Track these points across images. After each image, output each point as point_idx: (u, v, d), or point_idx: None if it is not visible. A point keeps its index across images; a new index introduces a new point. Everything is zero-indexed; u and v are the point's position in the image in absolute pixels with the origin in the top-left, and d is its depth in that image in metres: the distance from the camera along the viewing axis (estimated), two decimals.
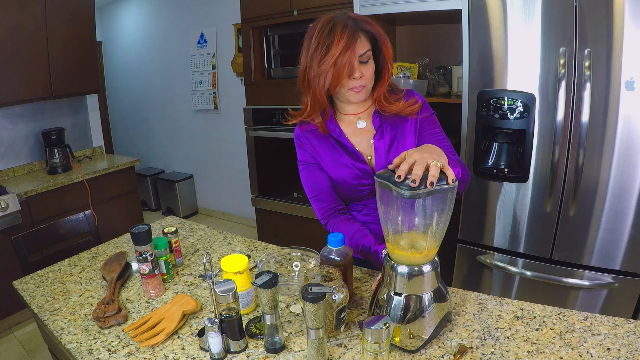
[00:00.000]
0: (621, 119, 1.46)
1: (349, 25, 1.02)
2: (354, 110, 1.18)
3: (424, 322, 0.88)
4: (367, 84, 1.08)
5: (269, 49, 2.71)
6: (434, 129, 1.16)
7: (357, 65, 1.04)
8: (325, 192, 1.22)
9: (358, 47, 1.02)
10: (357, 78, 1.05)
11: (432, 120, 1.17)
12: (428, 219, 0.83)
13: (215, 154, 4.12)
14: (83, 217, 1.76)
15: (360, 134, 1.18)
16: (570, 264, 1.68)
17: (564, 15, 1.47)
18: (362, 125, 1.18)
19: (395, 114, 1.14)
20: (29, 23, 2.58)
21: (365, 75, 1.06)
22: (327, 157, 1.19)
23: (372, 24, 1.07)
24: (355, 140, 1.18)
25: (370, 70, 1.07)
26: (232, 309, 0.90)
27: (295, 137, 1.24)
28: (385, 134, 1.15)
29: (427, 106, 1.18)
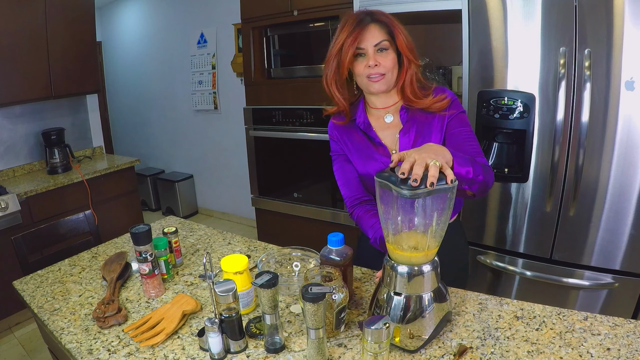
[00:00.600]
0: (621, 119, 1.46)
1: (360, 17, 1.07)
2: (382, 104, 1.19)
3: (424, 322, 0.88)
4: (387, 74, 1.09)
5: (269, 49, 2.71)
6: (462, 128, 1.14)
7: (372, 53, 1.07)
8: (352, 182, 1.25)
9: (370, 35, 1.06)
10: (371, 66, 1.07)
11: (461, 119, 1.16)
12: (428, 218, 0.83)
13: (215, 154, 4.12)
14: (83, 217, 1.76)
15: (387, 128, 1.19)
16: (570, 264, 1.68)
17: (564, 15, 1.47)
18: (390, 119, 1.19)
19: (422, 109, 1.14)
20: (29, 23, 2.58)
21: (383, 64, 1.07)
22: (354, 150, 1.22)
23: (388, 16, 1.09)
24: (382, 134, 1.19)
25: (388, 59, 1.08)
26: (232, 309, 0.90)
27: (328, 130, 1.29)
28: (410, 129, 1.15)
29: (457, 104, 1.16)
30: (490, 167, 1.08)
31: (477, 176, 0.96)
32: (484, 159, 1.10)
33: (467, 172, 0.92)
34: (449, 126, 1.15)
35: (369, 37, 1.06)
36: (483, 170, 0.99)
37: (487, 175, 1.01)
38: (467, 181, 0.95)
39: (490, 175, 1.04)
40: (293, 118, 2.55)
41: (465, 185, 0.96)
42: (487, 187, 1.04)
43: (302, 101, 2.50)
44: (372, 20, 1.07)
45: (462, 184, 0.96)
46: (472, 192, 1.02)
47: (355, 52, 1.08)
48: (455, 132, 1.14)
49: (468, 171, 0.93)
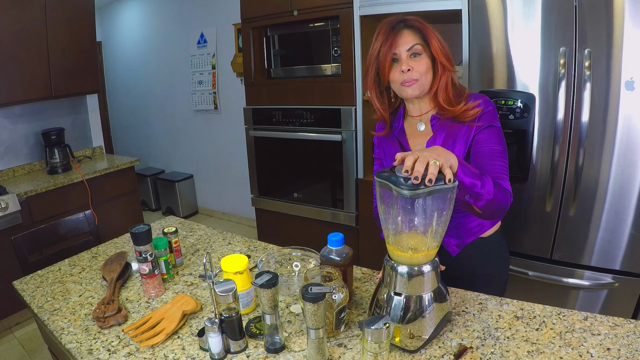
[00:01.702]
0: (621, 119, 1.46)
1: (393, 23, 1.08)
2: (416, 111, 1.19)
3: (424, 322, 0.88)
4: (420, 79, 1.08)
5: (269, 49, 2.71)
6: (488, 144, 1.07)
7: (405, 58, 1.07)
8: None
9: (403, 41, 1.06)
10: (404, 71, 1.07)
11: (491, 133, 1.08)
12: (428, 218, 0.83)
13: (215, 154, 4.12)
14: (83, 217, 1.76)
15: (418, 136, 1.19)
16: (570, 264, 1.68)
17: (564, 15, 1.47)
18: (422, 128, 1.19)
19: (453, 118, 1.11)
20: (29, 23, 2.58)
21: (416, 69, 1.07)
22: (388, 156, 1.24)
23: (421, 21, 1.09)
24: (412, 142, 1.20)
25: (422, 64, 1.07)
26: (232, 309, 0.90)
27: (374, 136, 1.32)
28: (437, 138, 1.14)
29: (490, 116, 1.09)
30: (510, 192, 1.02)
31: (486, 193, 0.92)
32: (506, 181, 1.04)
33: (472, 184, 0.90)
34: (477, 138, 1.09)
35: (401, 43, 1.06)
36: (496, 189, 0.95)
37: (498, 196, 0.96)
38: (473, 195, 0.92)
39: (504, 198, 0.98)
40: (293, 118, 2.55)
41: (470, 198, 0.93)
42: (496, 209, 0.98)
43: (302, 101, 2.50)
44: (405, 25, 1.07)
45: (466, 196, 0.92)
46: (478, 210, 0.97)
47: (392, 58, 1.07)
48: (479, 148, 1.08)
49: (474, 184, 0.90)
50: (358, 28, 2.19)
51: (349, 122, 2.33)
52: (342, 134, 2.36)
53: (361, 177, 2.38)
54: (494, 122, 1.09)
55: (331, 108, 2.38)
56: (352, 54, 2.25)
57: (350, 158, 2.38)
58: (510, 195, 1.02)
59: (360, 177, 2.38)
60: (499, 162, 1.06)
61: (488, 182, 0.94)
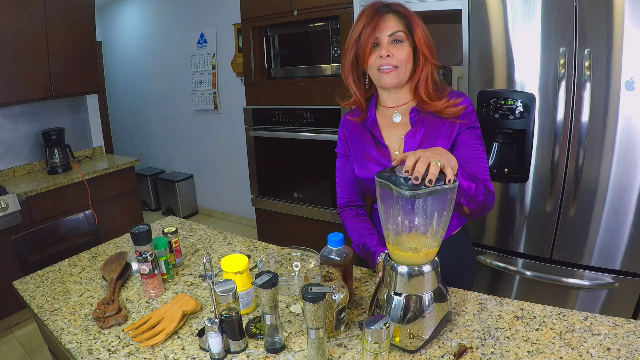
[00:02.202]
0: (621, 119, 1.46)
1: (377, 6, 1.05)
2: (393, 102, 1.15)
3: (424, 322, 0.88)
4: (400, 66, 1.05)
5: (269, 49, 2.71)
6: (472, 143, 1.08)
7: (386, 43, 1.04)
8: (349, 184, 1.25)
9: (385, 25, 1.03)
10: (383, 56, 1.04)
11: (474, 133, 1.09)
12: (428, 219, 0.83)
13: (215, 154, 4.12)
14: (83, 217, 1.76)
15: (393, 127, 1.16)
16: (570, 264, 1.68)
17: (564, 15, 1.47)
18: (398, 119, 1.15)
19: (434, 112, 1.09)
20: (29, 23, 2.58)
21: (396, 55, 1.04)
22: (356, 150, 1.20)
23: (407, 8, 1.07)
24: (387, 134, 1.16)
25: (403, 52, 1.04)
26: (232, 309, 0.90)
27: (339, 126, 1.27)
28: (418, 132, 1.11)
29: (473, 115, 1.10)
30: (494, 192, 1.05)
31: (478, 195, 0.95)
32: (489, 182, 1.06)
33: (468, 187, 0.92)
34: (459, 139, 1.09)
35: (384, 27, 1.03)
36: (485, 191, 0.97)
37: (487, 197, 0.99)
38: (468, 197, 0.94)
39: (490, 199, 1.01)
40: (293, 118, 2.55)
41: (464, 200, 0.95)
42: (484, 209, 1.02)
43: (302, 101, 2.50)
44: (389, 10, 1.05)
45: (461, 198, 0.95)
46: (468, 210, 1.00)
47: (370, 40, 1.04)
48: (464, 148, 1.08)
49: (470, 186, 0.92)
50: None
51: None
52: None
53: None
54: (476, 123, 1.11)
55: (331, 108, 2.38)
56: None
57: None
58: (494, 196, 1.04)
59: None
60: (482, 163, 1.08)
61: (480, 185, 0.96)
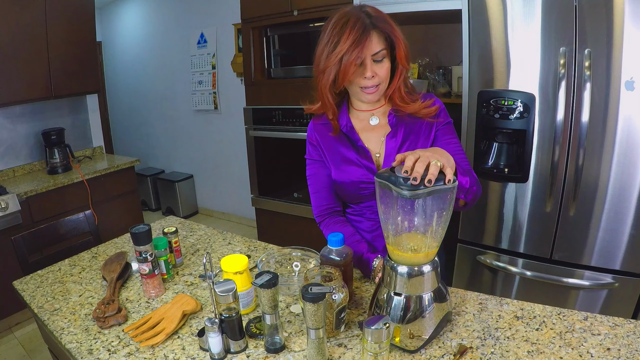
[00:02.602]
0: (621, 119, 1.46)
1: (361, 20, 0.98)
2: (368, 106, 1.15)
3: (424, 322, 0.88)
4: (381, 84, 1.05)
5: (269, 49, 2.71)
6: (450, 138, 1.12)
7: (369, 64, 1.01)
8: (325, 190, 1.22)
9: (370, 46, 0.99)
10: (368, 77, 1.02)
11: (450, 129, 1.14)
12: (428, 219, 0.83)
13: (215, 154, 4.12)
14: (83, 217, 1.76)
15: (371, 130, 1.15)
16: (570, 264, 1.68)
17: (564, 15, 1.47)
18: (375, 122, 1.15)
19: (410, 114, 1.11)
20: (29, 23, 2.58)
21: (379, 74, 1.03)
22: (333, 154, 1.17)
23: (389, 22, 1.02)
24: (365, 137, 1.15)
25: (384, 69, 1.03)
26: (232, 309, 0.90)
27: (307, 131, 1.24)
28: (398, 133, 1.12)
29: (446, 113, 1.14)
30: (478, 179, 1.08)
31: (472, 186, 0.99)
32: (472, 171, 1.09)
33: (465, 181, 0.96)
34: (437, 136, 1.13)
35: (368, 46, 0.98)
36: (476, 181, 1.02)
37: (478, 186, 1.03)
38: (465, 191, 0.97)
39: (480, 187, 1.06)
40: (293, 118, 2.55)
41: (462, 194, 0.98)
42: (476, 197, 1.05)
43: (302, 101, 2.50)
44: (372, 27, 0.99)
45: (460, 193, 0.97)
46: (464, 202, 1.03)
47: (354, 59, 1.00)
48: (444, 143, 1.12)
49: (466, 181, 0.96)
50: None
51: None
52: None
53: None
54: (448, 119, 1.15)
55: None
56: None
57: None
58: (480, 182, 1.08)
59: None
60: (463, 154, 1.12)
61: (471, 177, 1.00)
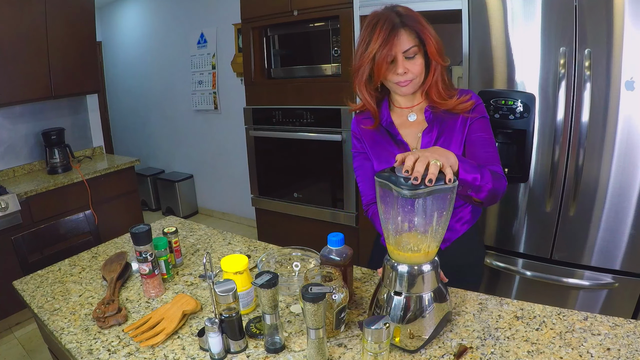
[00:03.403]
0: (621, 119, 1.46)
1: (390, 20, 1.04)
2: (407, 103, 1.19)
3: (424, 322, 0.88)
4: (415, 78, 1.08)
5: (269, 49, 2.71)
6: (481, 133, 1.13)
7: (401, 60, 1.05)
8: (371, 180, 1.25)
9: (400, 43, 1.04)
10: (400, 73, 1.06)
11: (483, 124, 1.14)
12: (428, 218, 0.83)
13: (215, 154, 4.12)
14: (83, 217, 1.76)
15: (409, 126, 1.19)
16: (570, 264, 1.68)
17: (564, 15, 1.47)
18: (413, 118, 1.18)
19: (447, 110, 1.13)
20: (29, 23, 2.58)
21: (411, 70, 1.06)
22: (375, 147, 1.22)
23: (419, 20, 1.06)
24: (404, 132, 1.19)
25: (417, 65, 1.07)
26: (232, 309, 0.90)
27: (352, 126, 1.29)
28: (434, 128, 1.15)
29: (481, 108, 1.15)
30: (505, 175, 1.07)
31: (486, 184, 0.96)
32: (499, 166, 1.09)
33: (474, 178, 0.93)
34: (470, 129, 1.14)
35: (397, 44, 1.04)
36: (493, 177, 0.98)
37: (497, 183, 1.00)
38: (474, 188, 0.95)
39: (501, 183, 1.03)
40: (293, 118, 2.55)
41: (472, 192, 0.96)
42: (496, 196, 1.03)
43: (302, 101, 2.50)
44: (402, 25, 1.04)
45: (468, 190, 0.96)
46: (479, 200, 1.01)
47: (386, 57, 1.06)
48: (473, 137, 1.13)
49: (475, 178, 0.93)
50: (358, 28, 2.19)
51: (349, 122, 2.32)
52: (342, 134, 2.37)
53: None
54: (485, 114, 1.15)
55: (331, 108, 2.38)
56: (352, 54, 2.25)
57: (350, 158, 2.38)
58: (505, 179, 1.06)
59: None
60: (492, 149, 1.12)
61: (486, 173, 0.97)
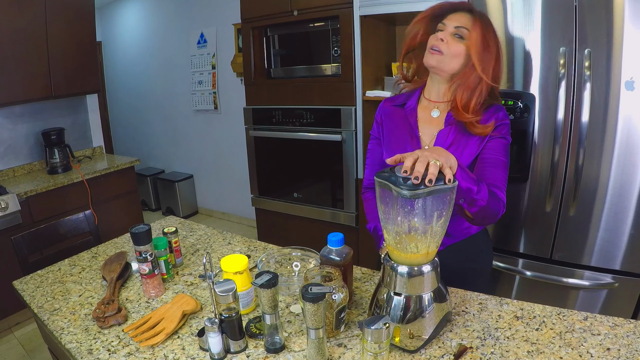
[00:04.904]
0: (621, 119, 1.46)
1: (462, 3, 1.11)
2: (435, 95, 1.17)
3: (424, 322, 0.88)
4: (446, 55, 1.07)
5: (269, 49, 2.71)
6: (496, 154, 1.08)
7: (449, 30, 1.07)
8: (377, 166, 1.25)
9: (455, 17, 1.08)
10: (439, 38, 1.07)
11: (499, 144, 1.10)
12: (428, 219, 0.83)
13: (215, 154, 4.12)
14: (83, 217, 1.76)
15: (430, 122, 1.18)
16: (570, 264, 1.68)
17: (564, 15, 1.47)
18: (436, 114, 1.17)
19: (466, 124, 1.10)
20: (29, 23, 2.58)
21: (450, 46, 1.06)
22: (390, 137, 1.22)
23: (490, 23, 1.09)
24: (422, 126, 1.18)
25: (456, 47, 1.07)
26: (232, 309, 0.90)
27: (377, 110, 1.29)
28: (450, 132, 1.13)
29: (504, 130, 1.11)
30: (504, 202, 1.04)
31: (480, 200, 0.93)
32: (502, 192, 1.04)
33: (468, 189, 0.90)
34: (485, 147, 1.10)
35: (455, 18, 1.07)
36: (490, 197, 0.96)
37: (492, 204, 0.97)
38: (467, 199, 0.93)
39: (497, 207, 1.00)
40: (293, 118, 2.55)
41: (465, 202, 0.95)
42: (486, 217, 1.00)
43: (302, 101, 2.50)
44: (468, 11, 1.08)
45: (460, 200, 0.94)
46: (469, 214, 0.99)
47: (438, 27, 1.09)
48: (486, 156, 1.09)
49: (470, 189, 0.91)
50: (358, 28, 2.19)
51: (349, 122, 2.33)
52: (342, 134, 2.37)
53: (361, 177, 2.38)
54: (507, 136, 1.12)
55: (331, 108, 2.38)
56: (352, 54, 2.25)
57: (350, 158, 2.38)
58: (504, 206, 1.03)
59: (360, 177, 2.38)
60: (501, 172, 1.08)
61: (484, 188, 0.95)
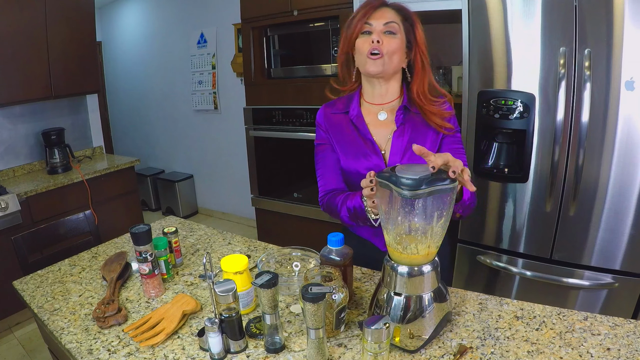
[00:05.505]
0: (621, 119, 1.46)
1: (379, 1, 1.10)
2: (379, 99, 1.16)
3: (424, 322, 0.88)
4: (386, 55, 1.06)
5: (269, 49, 2.71)
6: (455, 146, 1.13)
7: (379, 31, 1.06)
8: (333, 173, 1.21)
9: (380, 14, 1.07)
10: (374, 41, 1.05)
11: (457, 137, 1.15)
12: (428, 219, 0.83)
13: (215, 154, 4.12)
14: (83, 217, 1.76)
15: (379, 125, 1.16)
16: (570, 264, 1.68)
17: (564, 15, 1.47)
18: (383, 117, 1.16)
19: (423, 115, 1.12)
20: (29, 23, 2.58)
21: (385, 44, 1.05)
22: (342, 143, 1.19)
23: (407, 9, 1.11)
24: (373, 130, 1.16)
25: (393, 43, 1.06)
26: (232, 309, 0.90)
27: (317, 118, 1.26)
28: (405, 132, 1.12)
29: (455, 121, 1.15)
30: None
31: (471, 204, 1.03)
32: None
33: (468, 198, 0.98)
34: (444, 142, 1.13)
35: (379, 15, 1.07)
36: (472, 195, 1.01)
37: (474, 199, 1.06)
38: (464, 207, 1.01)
39: (475, 200, 1.07)
40: (293, 118, 2.55)
41: (460, 210, 1.01)
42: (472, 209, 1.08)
43: (302, 101, 2.50)
44: (386, 5, 1.09)
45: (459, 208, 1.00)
46: (459, 214, 1.05)
47: (363, 28, 1.08)
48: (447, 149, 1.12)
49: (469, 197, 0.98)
50: None
51: None
52: None
53: None
54: (457, 128, 1.16)
55: None
56: None
57: None
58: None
59: None
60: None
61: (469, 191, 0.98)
